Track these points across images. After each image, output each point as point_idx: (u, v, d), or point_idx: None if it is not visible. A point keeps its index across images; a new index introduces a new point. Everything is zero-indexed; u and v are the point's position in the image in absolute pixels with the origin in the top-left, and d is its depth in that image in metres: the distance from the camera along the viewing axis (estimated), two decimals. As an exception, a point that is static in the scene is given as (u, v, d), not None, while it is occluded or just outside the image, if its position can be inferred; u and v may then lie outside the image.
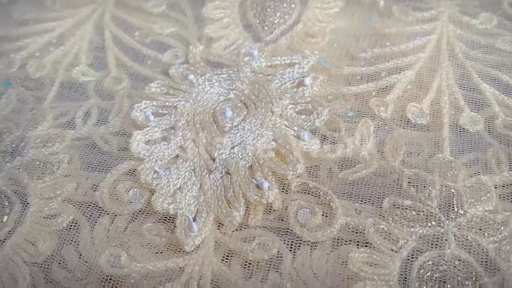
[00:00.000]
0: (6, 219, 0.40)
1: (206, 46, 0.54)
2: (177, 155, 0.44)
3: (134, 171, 0.43)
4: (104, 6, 0.58)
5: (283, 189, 0.41)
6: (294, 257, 0.38)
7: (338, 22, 0.55)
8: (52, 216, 0.40)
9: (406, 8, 0.55)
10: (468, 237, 0.38)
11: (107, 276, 0.37)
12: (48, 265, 0.38)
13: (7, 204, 0.41)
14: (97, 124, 0.47)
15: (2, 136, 0.45)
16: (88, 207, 0.41)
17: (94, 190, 0.42)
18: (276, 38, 0.54)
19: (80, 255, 0.38)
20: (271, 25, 0.55)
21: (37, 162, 0.43)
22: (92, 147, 0.45)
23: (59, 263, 0.38)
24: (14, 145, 0.45)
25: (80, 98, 0.50)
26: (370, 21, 0.55)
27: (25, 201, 0.41)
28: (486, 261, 0.37)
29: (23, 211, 0.40)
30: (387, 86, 0.48)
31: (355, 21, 0.56)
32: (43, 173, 0.43)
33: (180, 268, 0.37)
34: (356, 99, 0.48)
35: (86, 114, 0.48)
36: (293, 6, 0.57)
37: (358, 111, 0.47)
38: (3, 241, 0.39)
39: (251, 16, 0.56)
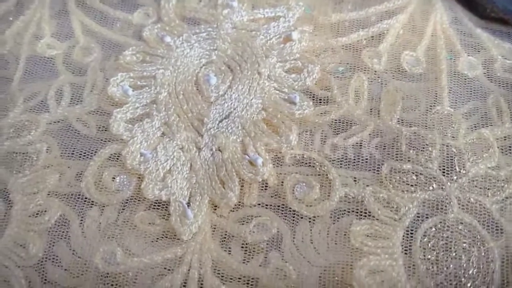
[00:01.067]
0: (-10, 220, 0.38)
1: (179, -1, 0.49)
2: (162, 133, 0.41)
3: (118, 156, 0.40)
4: (61, -38, 0.52)
5: (277, 162, 0.40)
6: (294, 234, 0.37)
7: (320, -41, 0.51)
8: (38, 213, 0.38)
9: None
10: (471, 198, 0.37)
11: (104, 272, 0.36)
12: (42, 265, 0.37)
13: (-11, 204, 0.39)
14: (72, 103, 0.44)
15: (-29, 129, 0.42)
16: (74, 199, 0.39)
17: (78, 180, 0.40)
18: (255, -17, 0.50)
19: (74, 251, 0.37)
20: (247, -32, 0.50)
21: (14, 154, 0.41)
22: (69, 131, 0.43)
23: (53, 262, 0.37)
24: (-14, 138, 0.42)
25: (49, 75, 0.46)
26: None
27: (8, 199, 0.39)
28: (490, 224, 0.36)
29: (7, 211, 0.38)
30: (379, 34, 0.45)
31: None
32: (21, 166, 0.40)
33: (179, 257, 0.36)
34: (346, 50, 0.45)
35: (58, 93, 0.45)
36: None
37: (349, 64, 0.44)
38: (-9, 245, 0.37)
39: (224, -41, 0.51)
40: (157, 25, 0.47)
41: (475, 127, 0.40)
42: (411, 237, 0.36)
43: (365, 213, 0.37)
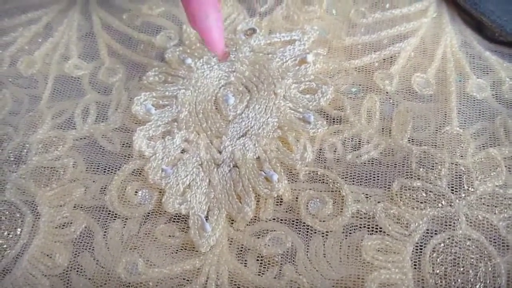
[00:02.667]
0: (20, 231, 0.40)
1: (200, 23, 0.51)
2: (182, 150, 0.43)
3: (141, 171, 0.42)
4: (88, -12, 0.55)
5: (291, 178, 0.41)
6: (307, 248, 0.38)
7: (334, -17, 0.53)
8: (64, 225, 0.40)
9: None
10: (479, 215, 0.38)
11: (126, 281, 0.38)
12: (67, 274, 0.38)
13: (18, 215, 0.41)
14: (97, 121, 0.46)
15: (3, 144, 0.45)
16: (98, 212, 0.41)
17: (102, 194, 0.42)
18: (271, 9, 0.52)
19: (97, 261, 0.39)
20: (265, -6, 0.53)
21: (42, 169, 0.43)
22: (95, 147, 0.45)
23: (78, 272, 0.39)
24: (16, 153, 0.44)
25: (76, 94, 0.48)
26: (368, -19, 0.53)
27: (36, 211, 0.41)
28: (497, 240, 0.37)
29: (35, 222, 0.41)
30: (391, 56, 0.47)
31: (352, -19, 0.53)
32: (49, 180, 0.42)
33: (197, 269, 0.38)
34: (359, 72, 0.47)
35: (84, 111, 0.47)
36: (286, -29, 0.54)
37: (361, 85, 0.46)
38: (21, 255, 0.39)
39: (243, -14, 0.54)
40: (178, 47, 0.49)
41: (483, 146, 0.41)
42: (421, 252, 0.37)
43: (376, 228, 0.38)
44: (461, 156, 0.40)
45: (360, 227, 0.39)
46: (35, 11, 0.54)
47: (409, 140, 0.42)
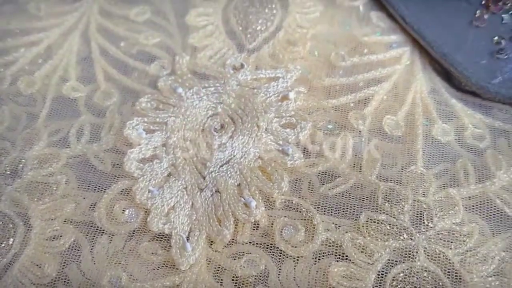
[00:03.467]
0: (12, 241, 0.43)
1: (191, 55, 0.55)
2: (169, 173, 0.46)
3: (129, 191, 0.45)
4: (88, 15, 0.58)
5: (269, 205, 0.45)
6: (279, 271, 0.41)
7: (318, 27, 0.57)
8: (54, 237, 0.43)
9: (383, 14, 0.57)
10: (436, 249, 0.41)
11: (110, 294, 0.41)
12: (55, 285, 0.41)
13: (11, 226, 0.43)
14: (90, 141, 0.49)
15: (0, 158, 0.47)
16: (87, 227, 0.44)
17: (92, 210, 0.44)
18: (259, 46, 0.56)
19: (83, 273, 0.41)
20: (253, 32, 0.57)
21: (36, 184, 0.46)
22: (87, 165, 0.48)
23: (64, 282, 0.41)
24: (12, 167, 0.47)
25: (72, 115, 0.51)
26: (349, 27, 0.57)
27: (28, 223, 0.44)
28: (451, 273, 0.40)
29: (27, 233, 0.43)
30: (365, 98, 0.51)
31: (335, 26, 0.58)
32: (42, 194, 0.45)
33: (177, 285, 0.41)
34: (336, 111, 0.50)
35: (79, 131, 0.50)
36: (274, 12, 0.58)
37: (337, 123, 0.50)
38: (12, 264, 0.42)
39: (234, 23, 0.57)
40: (171, 77, 0.53)
41: (444, 186, 0.45)
42: (382, 280, 0.40)
43: (343, 256, 0.42)
44: (423, 194, 0.44)
45: (328, 254, 0.42)
46: (37, 34, 0.57)
47: (377, 177, 0.46)
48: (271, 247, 0.43)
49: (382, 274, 0.41)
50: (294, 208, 0.44)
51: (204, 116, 0.50)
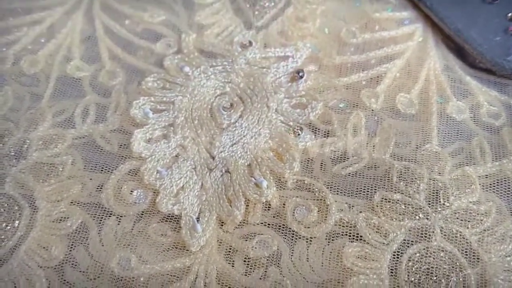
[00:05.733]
0: (17, 223, 0.42)
1: (198, 33, 0.54)
2: (177, 154, 0.45)
3: (137, 171, 0.44)
4: (92, -8, 0.57)
5: (280, 186, 0.44)
6: (292, 252, 0.41)
7: (328, 3, 0.56)
8: (61, 219, 0.42)
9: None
10: (453, 229, 0.40)
11: (118, 276, 0.40)
12: (62, 267, 0.40)
13: (16, 208, 0.42)
14: (96, 122, 0.48)
15: (4, 139, 0.46)
16: (94, 209, 0.43)
17: (99, 191, 0.43)
18: (267, 24, 0.54)
19: (91, 256, 0.41)
20: (261, 9, 0.55)
21: (42, 165, 0.45)
22: (93, 146, 0.47)
23: (72, 265, 0.40)
24: (17, 148, 0.45)
25: (76, 94, 0.50)
26: (360, 3, 0.55)
27: (34, 205, 0.43)
28: (469, 253, 0.39)
29: (32, 215, 0.42)
30: (377, 76, 0.50)
31: (345, 1, 0.56)
32: (48, 176, 0.44)
33: (187, 267, 0.40)
34: (347, 89, 0.49)
35: (84, 112, 0.49)
36: (283, -13, 0.57)
37: (349, 101, 0.49)
38: (18, 246, 0.41)
39: (242, 0, 0.56)
40: (177, 55, 0.52)
41: (460, 165, 0.44)
42: (397, 260, 0.39)
43: (357, 236, 0.41)
44: (439, 172, 0.43)
45: (342, 235, 0.41)
46: (40, 12, 0.56)
47: (391, 156, 0.45)
48: (283, 227, 0.42)
49: (398, 255, 0.40)
50: (306, 188, 0.43)
51: (212, 95, 0.49)
